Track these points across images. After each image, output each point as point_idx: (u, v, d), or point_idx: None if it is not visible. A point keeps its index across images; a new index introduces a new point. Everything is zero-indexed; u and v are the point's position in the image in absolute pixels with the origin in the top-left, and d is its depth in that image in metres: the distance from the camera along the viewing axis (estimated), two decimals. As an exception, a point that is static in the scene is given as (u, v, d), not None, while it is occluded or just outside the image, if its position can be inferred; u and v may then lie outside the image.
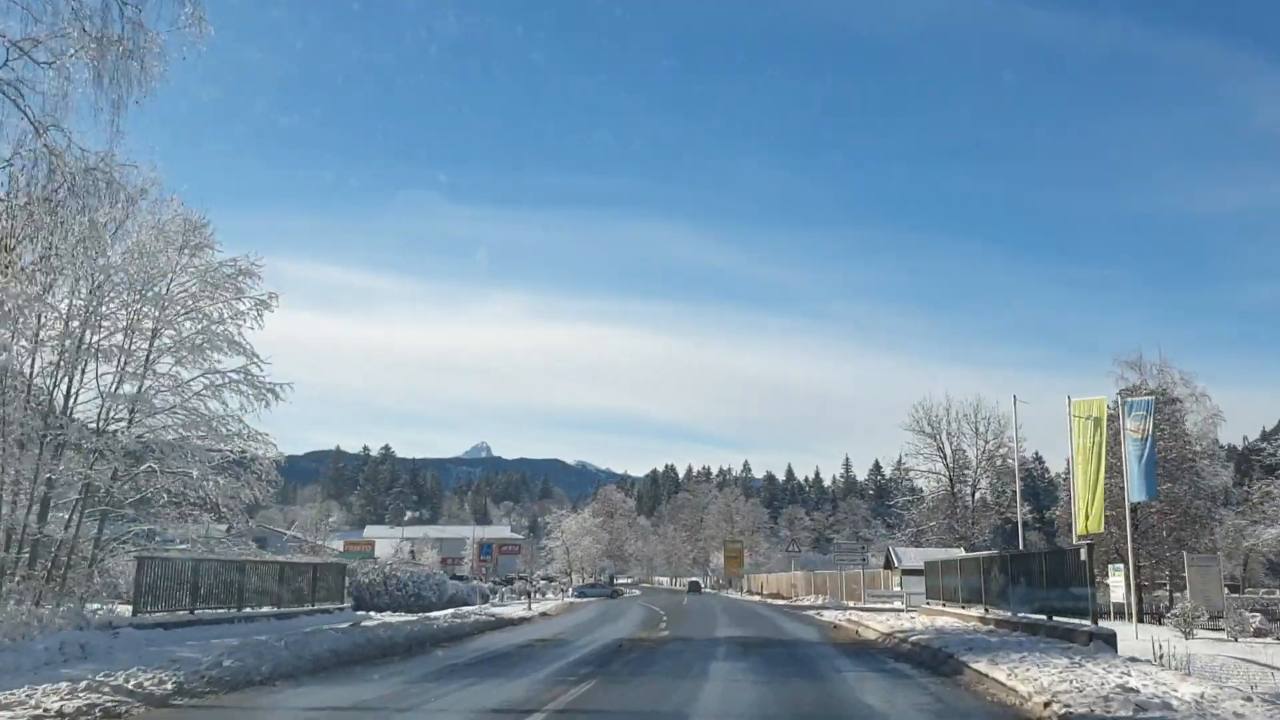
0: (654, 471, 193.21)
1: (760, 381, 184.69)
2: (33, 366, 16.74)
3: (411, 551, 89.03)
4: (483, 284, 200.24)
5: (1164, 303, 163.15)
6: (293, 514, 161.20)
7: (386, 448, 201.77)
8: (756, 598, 59.92)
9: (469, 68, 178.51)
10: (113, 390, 17.60)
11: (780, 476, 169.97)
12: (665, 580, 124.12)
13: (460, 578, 47.79)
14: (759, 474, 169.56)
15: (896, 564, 46.86)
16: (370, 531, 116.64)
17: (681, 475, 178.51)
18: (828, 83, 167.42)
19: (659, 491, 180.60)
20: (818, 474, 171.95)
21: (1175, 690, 9.35)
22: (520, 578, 72.83)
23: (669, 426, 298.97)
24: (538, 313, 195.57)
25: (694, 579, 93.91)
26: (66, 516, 17.31)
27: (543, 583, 74.90)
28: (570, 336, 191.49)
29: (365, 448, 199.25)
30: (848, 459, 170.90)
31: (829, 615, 30.93)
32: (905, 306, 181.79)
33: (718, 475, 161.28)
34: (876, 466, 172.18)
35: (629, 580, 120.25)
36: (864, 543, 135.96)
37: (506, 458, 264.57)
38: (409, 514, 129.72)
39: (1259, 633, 27.78)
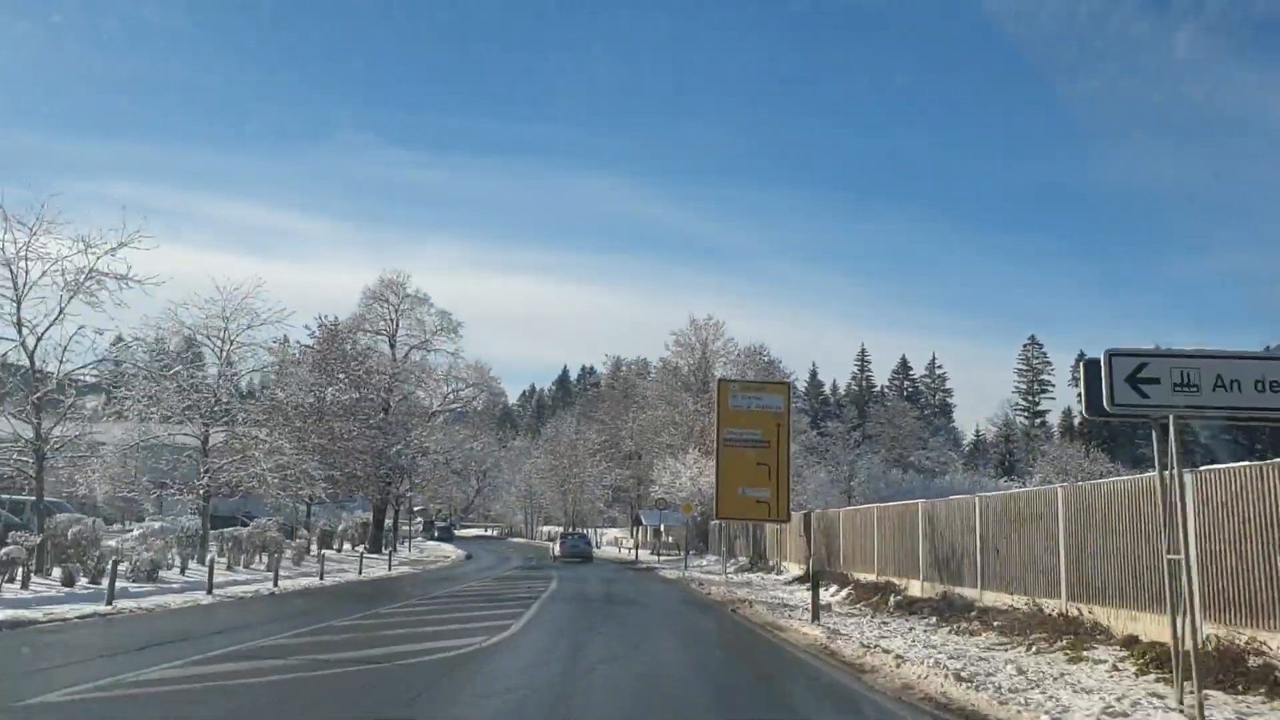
0: (564, 372, 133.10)
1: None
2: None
3: None
4: (418, 230, 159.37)
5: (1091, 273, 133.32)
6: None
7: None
8: None
9: (414, 6, 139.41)
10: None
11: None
12: (557, 533, 63.93)
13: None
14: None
15: None
16: None
17: (605, 373, 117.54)
18: (771, 43, 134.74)
19: (570, 400, 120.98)
20: (814, 375, 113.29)
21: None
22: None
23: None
24: (471, 262, 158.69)
25: None
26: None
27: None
28: (505, 288, 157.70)
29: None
30: (863, 351, 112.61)
31: None
32: (845, 270, 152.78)
33: (659, 364, 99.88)
34: (904, 365, 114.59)
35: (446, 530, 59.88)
36: (940, 464, 78.91)
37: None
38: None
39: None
